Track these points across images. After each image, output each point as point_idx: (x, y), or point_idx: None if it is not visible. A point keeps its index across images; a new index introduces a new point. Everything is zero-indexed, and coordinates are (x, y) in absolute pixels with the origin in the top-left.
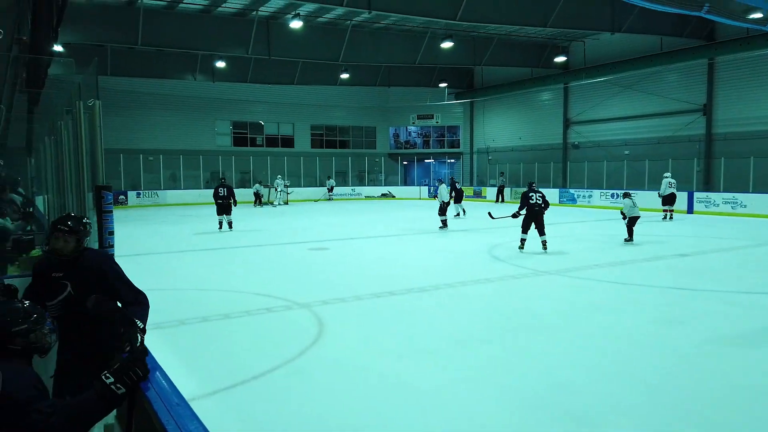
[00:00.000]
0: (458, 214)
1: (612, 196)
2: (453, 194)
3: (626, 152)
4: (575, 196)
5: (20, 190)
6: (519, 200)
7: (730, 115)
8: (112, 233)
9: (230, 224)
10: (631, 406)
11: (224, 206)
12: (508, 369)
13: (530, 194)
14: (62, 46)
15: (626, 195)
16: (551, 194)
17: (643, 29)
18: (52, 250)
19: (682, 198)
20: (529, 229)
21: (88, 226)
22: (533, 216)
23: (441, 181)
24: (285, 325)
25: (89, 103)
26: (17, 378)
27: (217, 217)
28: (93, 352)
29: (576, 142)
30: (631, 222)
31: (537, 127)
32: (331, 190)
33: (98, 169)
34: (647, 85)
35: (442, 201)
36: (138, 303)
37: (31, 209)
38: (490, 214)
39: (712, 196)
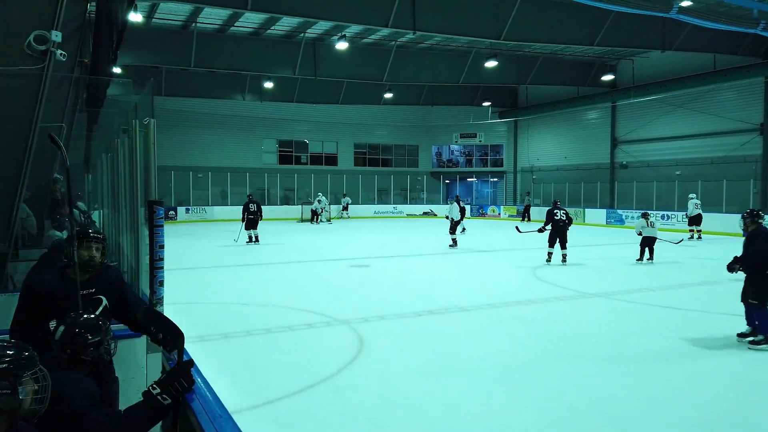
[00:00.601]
0: (463, 230)
1: (663, 217)
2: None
3: (677, 173)
4: (623, 216)
5: (80, 204)
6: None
7: None
8: (162, 247)
9: (257, 238)
10: None
11: (254, 221)
12: (558, 398)
13: (555, 211)
14: (120, 68)
15: (644, 215)
16: (598, 214)
17: (696, 47)
18: (89, 258)
19: (737, 220)
20: (554, 243)
21: None
22: (557, 231)
23: (452, 200)
24: (326, 341)
25: (144, 121)
26: (79, 387)
27: (245, 232)
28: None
29: (624, 162)
30: (645, 242)
31: (583, 146)
32: (345, 208)
33: (151, 185)
34: (700, 103)
35: (453, 219)
36: None
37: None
38: (517, 228)
39: None
